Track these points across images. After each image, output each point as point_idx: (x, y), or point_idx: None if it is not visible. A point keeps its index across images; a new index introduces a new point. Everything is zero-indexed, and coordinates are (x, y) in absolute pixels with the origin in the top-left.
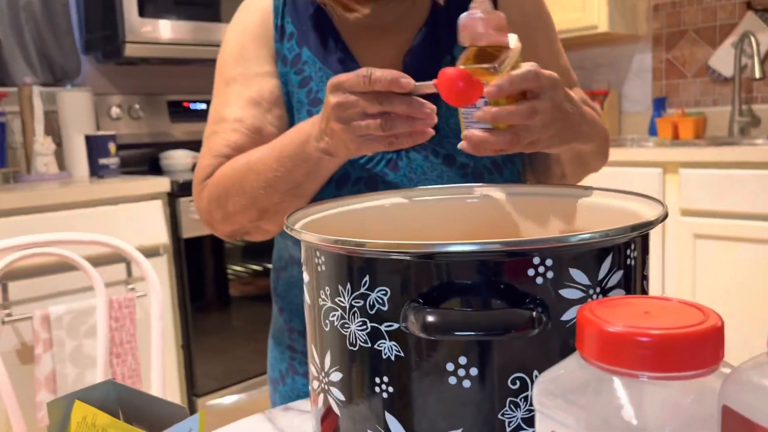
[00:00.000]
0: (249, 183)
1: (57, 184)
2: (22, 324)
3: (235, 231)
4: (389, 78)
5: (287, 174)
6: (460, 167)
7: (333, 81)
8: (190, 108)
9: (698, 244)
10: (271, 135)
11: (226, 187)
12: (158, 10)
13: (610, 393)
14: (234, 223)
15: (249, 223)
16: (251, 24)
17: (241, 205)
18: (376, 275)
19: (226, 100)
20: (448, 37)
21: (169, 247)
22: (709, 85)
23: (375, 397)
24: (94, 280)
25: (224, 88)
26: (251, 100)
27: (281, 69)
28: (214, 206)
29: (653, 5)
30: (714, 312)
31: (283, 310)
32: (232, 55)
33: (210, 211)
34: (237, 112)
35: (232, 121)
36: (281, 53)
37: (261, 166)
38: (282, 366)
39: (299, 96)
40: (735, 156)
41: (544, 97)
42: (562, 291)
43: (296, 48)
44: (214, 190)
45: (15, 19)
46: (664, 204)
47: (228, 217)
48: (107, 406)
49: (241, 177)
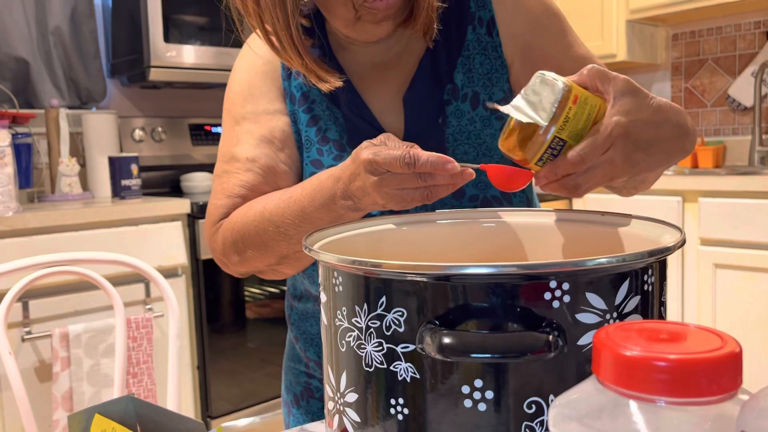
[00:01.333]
0: (268, 235)
1: (80, 204)
2: (41, 342)
3: (250, 272)
4: (434, 164)
5: (310, 227)
6: (469, 199)
7: (368, 158)
8: (212, 131)
9: (719, 274)
10: (284, 174)
11: (243, 236)
12: (182, 35)
13: (626, 417)
14: (251, 266)
15: (266, 267)
16: (258, 62)
17: (259, 253)
18: (393, 296)
19: (237, 138)
20: (447, 67)
21: (187, 268)
22: (728, 114)
23: (390, 419)
24: (113, 299)
25: (234, 127)
26: (263, 138)
27: (289, 107)
28: (230, 251)
29: (672, 34)
30: (732, 338)
31: (297, 339)
32: (240, 94)
33: (226, 254)
34: (249, 151)
35: (245, 160)
36: (289, 91)
37: (280, 219)
38: (297, 389)
39: (308, 134)
40: (755, 186)
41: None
42: (579, 315)
43: (304, 86)
44: (229, 236)
45: (44, 43)
46: (683, 230)
47: (245, 261)
48: (126, 421)
49: (259, 228)
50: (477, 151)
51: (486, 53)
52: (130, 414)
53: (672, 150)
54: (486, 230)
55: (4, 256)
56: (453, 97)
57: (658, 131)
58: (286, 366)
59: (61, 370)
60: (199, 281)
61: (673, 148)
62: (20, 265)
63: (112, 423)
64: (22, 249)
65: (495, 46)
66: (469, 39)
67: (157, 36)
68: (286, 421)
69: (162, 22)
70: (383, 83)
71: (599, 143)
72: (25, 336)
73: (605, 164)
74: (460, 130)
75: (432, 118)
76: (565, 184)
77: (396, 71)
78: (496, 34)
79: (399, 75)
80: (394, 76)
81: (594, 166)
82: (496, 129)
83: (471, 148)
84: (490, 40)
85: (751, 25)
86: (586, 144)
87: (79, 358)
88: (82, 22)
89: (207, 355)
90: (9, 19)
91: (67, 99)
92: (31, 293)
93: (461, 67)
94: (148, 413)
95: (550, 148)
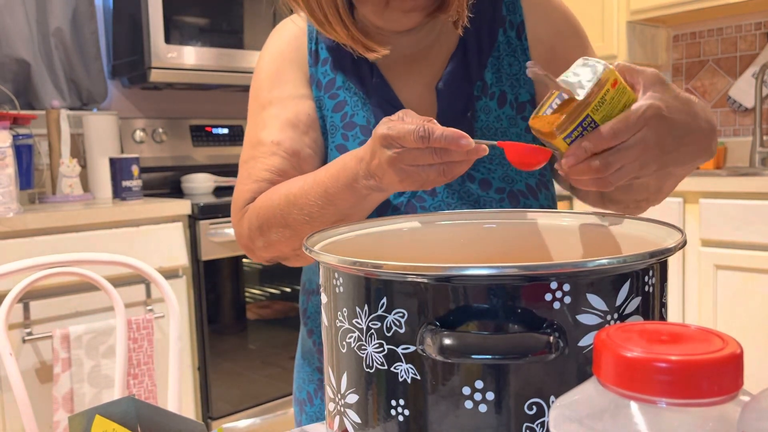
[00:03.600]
0: (292, 217)
1: (81, 205)
2: (42, 343)
3: (275, 257)
4: (449, 139)
5: (334, 209)
6: (496, 191)
7: (383, 133)
8: (213, 132)
9: (719, 275)
10: (309, 158)
11: (268, 219)
12: (183, 36)
13: (627, 418)
14: (276, 250)
15: (291, 252)
16: (286, 48)
17: (284, 236)
18: (394, 297)
19: (263, 123)
20: (478, 64)
21: (188, 269)
22: (729, 115)
23: (391, 420)
24: (114, 300)
25: (260, 112)
26: (288, 121)
27: (315, 93)
28: (256, 234)
29: (673, 36)
30: (733, 339)
31: (312, 332)
32: (267, 79)
33: (252, 238)
34: (275, 135)
35: (270, 144)
36: (315, 77)
37: (304, 201)
38: (310, 387)
39: (333, 120)
40: (756, 187)
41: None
42: (580, 316)
43: (331, 73)
44: (255, 220)
45: (45, 45)
46: (683, 231)
47: (270, 245)
48: (127, 422)
49: (284, 211)
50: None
51: (515, 55)
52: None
53: (702, 145)
54: (487, 231)
55: (4, 257)
56: (482, 93)
57: (691, 121)
58: (299, 364)
59: (62, 371)
60: (199, 282)
61: (704, 143)
62: (21, 266)
63: (113, 424)
64: (23, 250)
65: (523, 49)
66: (500, 41)
67: (158, 37)
68: (298, 419)
69: (163, 23)
70: (413, 75)
71: (633, 120)
72: (26, 337)
73: (638, 145)
74: (488, 125)
75: (462, 111)
76: (594, 166)
77: (426, 63)
78: (524, 38)
79: (429, 67)
80: (425, 68)
81: (626, 146)
82: (521, 128)
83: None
84: (519, 43)
85: (752, 26)
86: (620, 119)
87: (79, 359)
88: (83, 23)
89: (208, 356)
90: (10, 21)
91: (68, 100)
92: (32, 294)
93: (491, 67)
94: (148, 414)
95: (581, 126)
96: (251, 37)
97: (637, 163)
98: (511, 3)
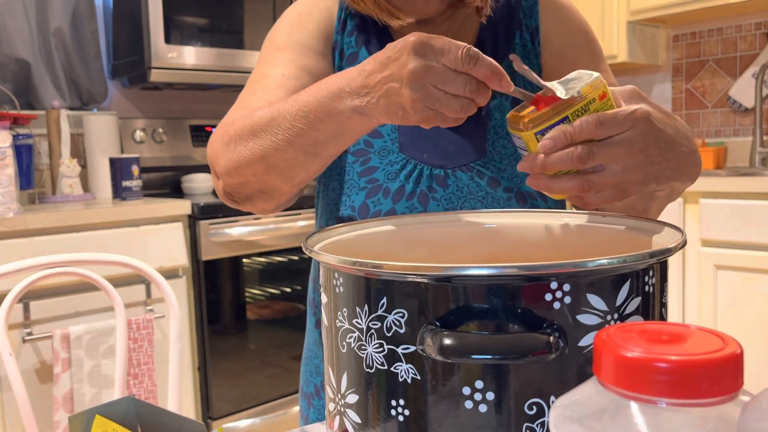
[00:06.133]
0: (261, 125)
1: (81, 205)
2: (42, 343)
3: (237, 186)
4: (494, 70)
5: (308, 128)
6: (504, 190)
7: (421, 39)
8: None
9: (719, 275)
10: None
11: (239, 131)
12: (183, 36)
13: (627, 419)
14: (237, 174)
15: (252, 177)
16: (315, 7)
17: (248, 153)
18: (394, 297)
19: (274, 61)
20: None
21: (188, 269)
22: (729, 115)
23: (391, 420)
24: (114, 300)
25: (273, 52)
26: (304, 67)
27: (337, 62)
28: (222, 150)
29: (673, 36)
30: (733, 339)
31: (320, 322)
32: (288, 25)
33: (217, 155)
34: (284, 71)
35: (280, 76)
36: (340, 45)
37: (277, 111)
38: (317, 380)
39: None
40: (756, 187)
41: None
42: (580, 316)
43: (354, 46)
44: (227, 134)
45: (45, 45)
46: (684, 231)
47: (232, 165)
48: (127, 422)
49: (255, 119)
50: (515, 147)
51: (528, 58)
52: (131, 415)
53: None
54: (487, 231)
55: (4, 257)
56: (499, 93)
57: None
58: (306, 357)
59: (62, 371)
60: (199, 282)
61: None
62: (21, 266)
63: (113, 424)
64: (23, 250)
65: (536, 53)
66: (516, 43)
67: (158, 37)
68: (305, 413)
69: (163, 23)
70: None
71: (621, 117)
72: (26, 337)
73: (623, 144)
74: (501, 124)
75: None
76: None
77: None
78: (537, 43)
79: None
80: None
81: (611, 142)
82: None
83: (509, 143)
84: (533, 48)
85: (752, 26)
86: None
87: (79, 359)
88: (83, 23)
89: (208, 356)
90: (10, 21)
91: (68, 100)
92: (32, 294)
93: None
94: (148, 414)
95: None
96: (251, 37)
97: (620, 165)
98: (529, 8)
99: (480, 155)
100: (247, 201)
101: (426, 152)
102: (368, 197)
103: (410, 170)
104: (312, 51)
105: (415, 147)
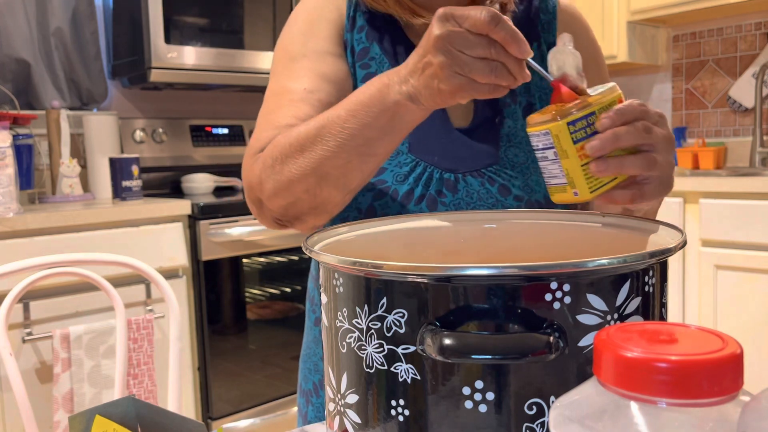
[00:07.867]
0: (311, 141)
1: (81, 206)
2: (42, 343)
3: (287, 207)
4: (515, 34)
5: (360, 127)
6: (514, 198)
7: (444, 11)
8: (213, 132)
9: (719, 275)
10: None
11: (283, 148)
12: (183, 37)
13: (627, 419)
14: (289, 194)
15: (305, 194)
16: (325, 8)
17: (299, 169)
18: (394, 297)
19: (293, 73)
20: None
21: (188, 269)
22: (729, 115)
23: (391, 420)
24: (114, 300)
25: (290, 64)
26: (324, 75)
27: (349, 60)
28: (268, 173)
29: (673, 36)
30: (733, 339)
31: (319, 320)
32: (300, 33)
33: (262, 180)
34: (307, 84)
35: (302, 91)
36: (350, 43)
37: (325, 119)
38: (316, 378)
39: None
40: (756, 187)
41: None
42: (580, 316)
43: (365, 42)
44: (269, 156)
45: (45, 45)
46: (684, 231)
47: (282, 186)
48: (127, 422)
49: (301, 134)
50: (527, 156)
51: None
52: (131, 415)
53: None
54: (487, 231)
55: (4, 257)
56: (512, 100)
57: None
58: (304, 354)
59: (62, 371)
60: (199, 282)
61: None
62: (21, 266)
63: (113, 424)
64: (23, 250)
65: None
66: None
67: (158, 37)
68: (304, 411)
69: (163, 23)
70: None
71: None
72: (26, 337)
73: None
74: (515, 132)
75: (491, 114)
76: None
77: None
78: None
79: None
80: None
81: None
82: None
83: (521, 151)
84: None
85: (752, 26)
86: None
87: (79, 360)
88: (83, 23)
89: (208, 356)
90: (10, 21)
91: (68, 100)
92: (32, 294)
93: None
94: (148, 414)
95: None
96: (251, 37)
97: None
98: (548, 22)
99: (492, 161)
100: (296, 221)
101: (437, 155)
102: (375, 199)
103: (420, 173)
104: (329, 55)
105: (426, 149)
